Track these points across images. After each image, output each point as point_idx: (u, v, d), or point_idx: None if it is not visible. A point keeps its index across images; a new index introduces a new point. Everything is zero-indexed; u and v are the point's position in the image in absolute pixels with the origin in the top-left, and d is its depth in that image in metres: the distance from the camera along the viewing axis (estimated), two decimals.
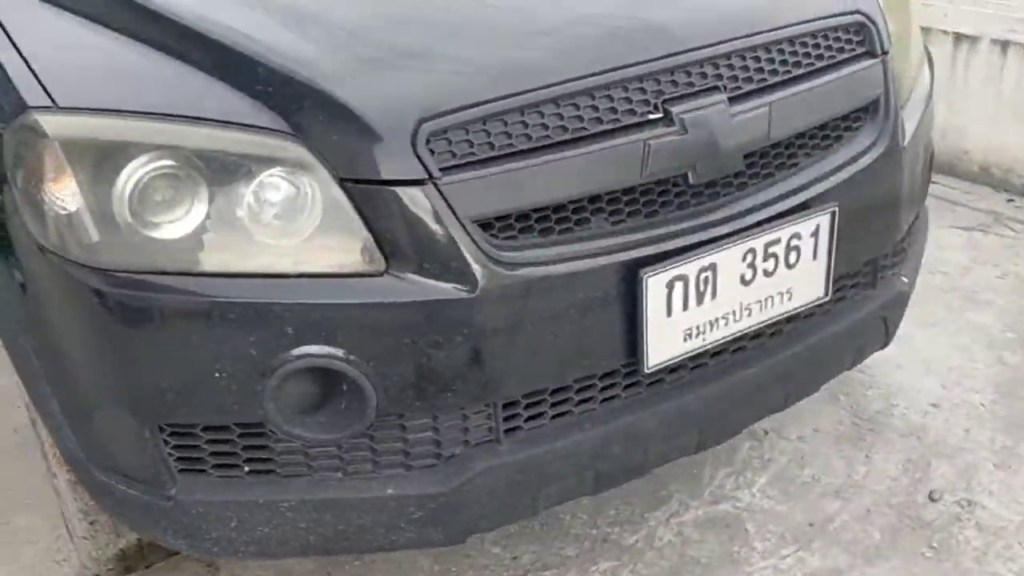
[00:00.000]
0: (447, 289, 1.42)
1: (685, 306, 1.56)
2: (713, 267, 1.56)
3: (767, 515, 2.20)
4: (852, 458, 2.35)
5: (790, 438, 2.42)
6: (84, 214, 1.39)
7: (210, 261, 1.41)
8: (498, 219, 1.44)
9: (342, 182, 1.40)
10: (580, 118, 1.48)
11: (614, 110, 1.50)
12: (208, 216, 1.40)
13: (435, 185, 1.40)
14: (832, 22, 1.74)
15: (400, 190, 1.40)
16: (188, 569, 2.09)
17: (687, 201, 1.56)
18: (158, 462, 1.52)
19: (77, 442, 1.60)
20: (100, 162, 1.39)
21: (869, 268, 1.87)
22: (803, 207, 1.64)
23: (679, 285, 1.53)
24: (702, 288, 1.56)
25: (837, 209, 1.66)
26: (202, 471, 1.52)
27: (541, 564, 2.11)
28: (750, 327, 1.66)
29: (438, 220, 1.40)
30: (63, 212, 1.40)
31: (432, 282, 1.42)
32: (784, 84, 1.65)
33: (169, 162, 1.39)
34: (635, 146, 1.49)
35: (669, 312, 1.54)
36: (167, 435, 1.50)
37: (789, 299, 1.68)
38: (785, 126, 1.63)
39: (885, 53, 1.80)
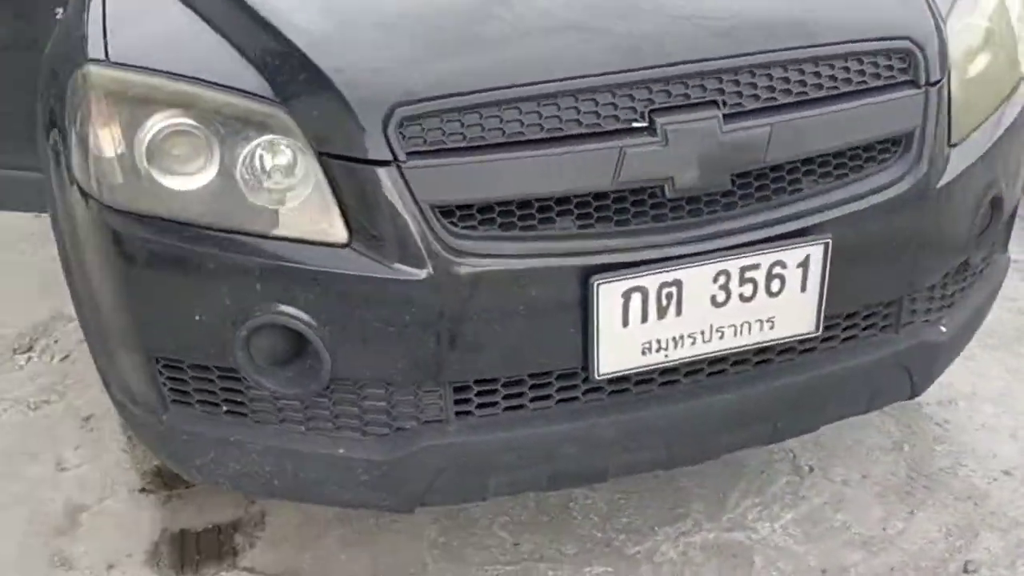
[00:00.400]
0: (400, 269, 1.51)
1: (644, 319, 1.56)
2: (678, 283, 1.55)
3: (780, 553, 2.13)
4: (893, 512, 2.23)
5: (834, 479, 2.33)
6: (114, 159, 1.58)
7: (204, 215, 1.57)
8: (460, 208, 1.51)
9: (319, 155, 1.52)
10: (558, 119, 1.52)
11: (597, 114, 1.53)
12: (215, 174, 1.55)
13: (399, 168, 1.49)
14: (872, 46, 1.67)
15: (367, 168, 1.50)
16: (226, 496, 2.28)
17: (663, 214, 1.56)
18: (154, 389, 1.70)
19: (99, 363, 1.81)
20: (129, 113, 1.58)
21: (890, 311, 1.77)
22: (791, 235, 1.59)
23: (637, 297, 1.54)
24: (664, 303, 1.56)
25: (831, 242, 1.60)
26: (188, 404, 1.70)
27: (539, 555, 2.15)
28: (724, 350, 1.64)
29: (399, 202, 1.49)
30: (99, 155, 1.60)
31: (386, 260, 1.51)
32: (796, 106, 1.61)
33: (184, 120, 1.55)
34: (609, 152, 1.51)
35: (625, 323, 1.55)
36: (161, 367, 1.68)
37: (771, 328, 1.64)
38: (788, 149, 1.59)
39: (932, 84, 1.70)
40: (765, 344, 1.65)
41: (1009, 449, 2.39)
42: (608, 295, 1.53)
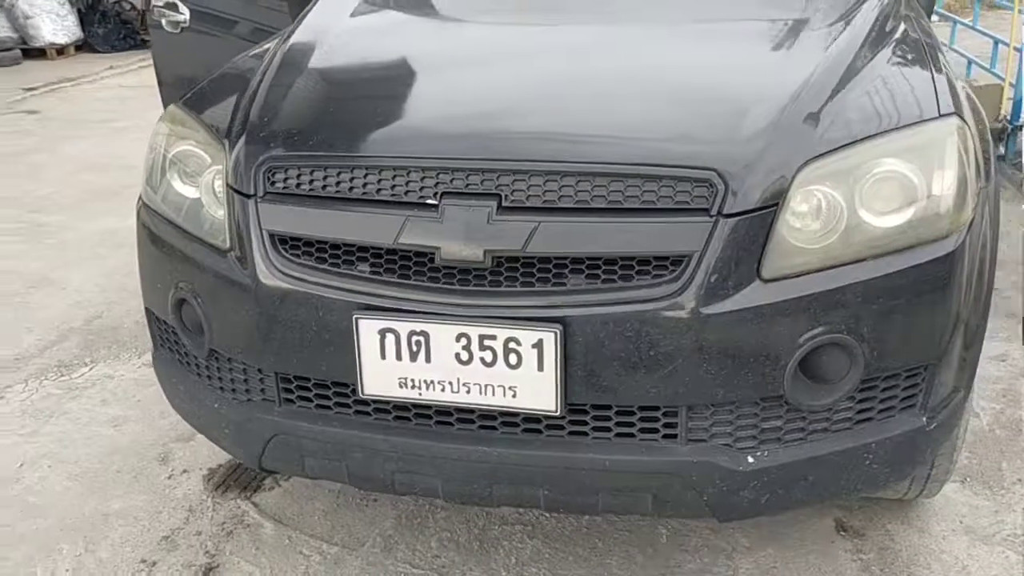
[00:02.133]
0: (242, 274, 2.03)
1: (399, 357, 1.89)
2: (425, 335, 1.86)
3: None
4: None
5: None
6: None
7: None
8: (286, 239, 2.00)
9: (227, 187, 2.10)
10: (366, 185, 1.93)
11: (400, 187, 1.91)
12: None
13: (255, 201, 2.02)
14: (673, 171, 1.82)
15: (241, 199, 2.05)
16: None
17: (425, 276, 1.89)
18: (151, 336, 2.40)
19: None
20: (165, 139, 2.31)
21: (671, 420, 1.87)
22: (526, 319, 1.81)
23: (391, 337, 1.88)
24: (414, 348, 1.88)
25: (561, 331, 1.79)
26: (164, 347, 2.37)
27: (446, 571, 2.49)
28: (471, 404, 1.89)
29: (250, 227, 2.02)
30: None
31: (240, 266, 2.04)
32: (570, 211, 1.83)
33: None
34: (396, 219, 1.89)
35: (383, 356, 1.90)
36: (151, 317, 2.38)
37: (513, 397, 1.86)
38: (548, 246, 1.82)
39: (728, 216, 1.79)
40: (509, 409, 1.87)
41: None
42: (367, 330, 1.89)
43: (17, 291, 4.31)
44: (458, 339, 1.83)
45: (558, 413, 1.83)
